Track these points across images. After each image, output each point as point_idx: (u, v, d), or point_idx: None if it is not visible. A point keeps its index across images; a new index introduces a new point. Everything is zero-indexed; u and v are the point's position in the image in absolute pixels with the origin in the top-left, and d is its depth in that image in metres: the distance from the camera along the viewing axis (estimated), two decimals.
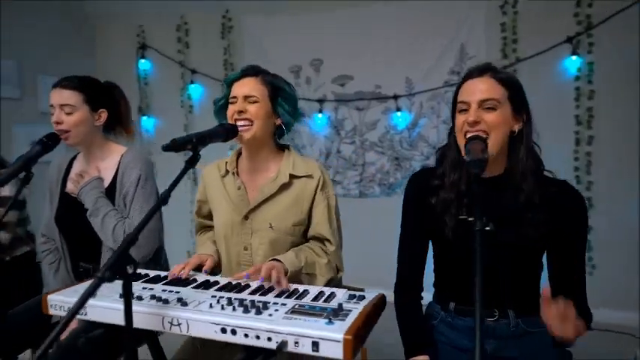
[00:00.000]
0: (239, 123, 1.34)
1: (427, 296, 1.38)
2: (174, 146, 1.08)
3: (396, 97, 3.46)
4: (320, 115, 3.63)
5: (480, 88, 1.18)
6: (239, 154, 1.48)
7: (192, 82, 4.01)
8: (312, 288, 1.19)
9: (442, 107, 3.37)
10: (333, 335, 0.87)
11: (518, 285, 1.21)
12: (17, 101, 3.60)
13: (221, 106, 1.45)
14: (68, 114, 1.54)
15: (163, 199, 1.01)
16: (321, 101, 3.65)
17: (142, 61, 4.16)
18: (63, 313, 1.14)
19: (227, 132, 1.27)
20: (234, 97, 1.38)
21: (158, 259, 1.63)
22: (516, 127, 1.20)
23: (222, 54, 3.93)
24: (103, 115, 1.62)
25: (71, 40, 4.10)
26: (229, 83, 1.44)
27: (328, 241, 1.42)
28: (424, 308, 1.36)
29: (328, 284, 1.37)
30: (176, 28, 4.03)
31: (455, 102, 1.25)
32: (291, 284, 1.19)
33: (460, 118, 1.20)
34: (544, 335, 1.22)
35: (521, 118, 1.21)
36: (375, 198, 3.59)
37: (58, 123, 1.54)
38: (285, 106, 1.41)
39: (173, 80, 4.09)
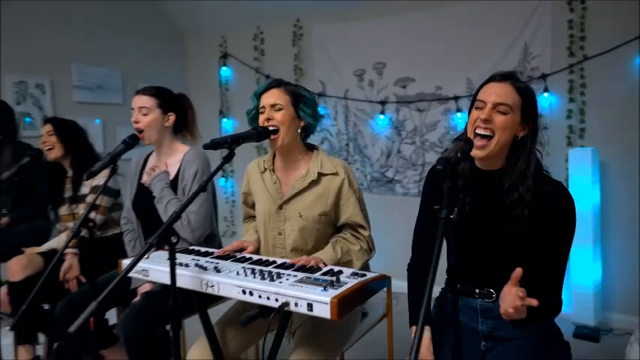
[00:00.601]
0: (270, 128, 1.57)
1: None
2: (212, 145, 1.34)
3: (456, 98, 3.51)
4: (382, 117, 3.79)
5: (499, 92, 1.29)
6: (275, 154, 1.72)
7: None
8: (328, 267, 1.39)
9: None
10: (323, 299, 1.07)
11: (512, 270, 1.30)
12: (120, 106, 4.20)
13: (254, 115, 1.69)
14: (144, 115, 1.89)
15: (202, 187, 1.28)
16: (383, 103, 3.80)
17: (224, 68, 4.61)
18: (135, 275, 1.46)
19: (259, 134, 1.51)
20: (263, 107, 1.61)
21: (213, 243, 1.93)
22: (521, 134, 1.29)
23: (292, 60, 4.23)
24: (172, 118, 1.95)
25: (165, 52, 4.68)
26: (258, 95, 1.67)
27: (362, 227, 1.61)
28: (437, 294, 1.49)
29: (363, 266, 1.57)
30: (253, 38, 4.42)
31: (474, 99, 1.37)
32: None
33: (475, 114, 1.32)
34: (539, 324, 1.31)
35: (528, 127, 1.30)
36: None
37: (136, 122, 1.90)
38: (307, 109, 1.62)
39: (250, 85, 4.47)
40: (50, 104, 3.69)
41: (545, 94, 3.20)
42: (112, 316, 2.14)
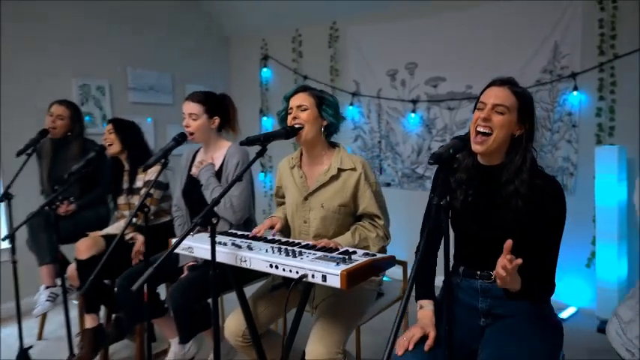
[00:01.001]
0: (296, 126, 1.79)
1: None
2: (247, 142, 1.57)
3: None
4: (413, 115, 3.93)
5: (498, 95, 1.46)
6: (302, 152, 1.94)
7: None
8: (344, 248, 1.59)
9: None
10: (334, 271, 1.28)
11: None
12: (170, 106, 4.57)
13: (283, 116, 1.91)
14: (193, 120, 2.17)
15: (238, 177, 1.52)
16: (414, 102, 3.95)
17: (264, 69, 4.89)
18: (182, 251, 1.72)
19: (287, 132, 1.74)
20: (291, 109, 1.83)
21: (250, 227, 2.18)
22: (517, 133, 1.44)
23: (328, 61, 4.44)
24: (217, 120, 2.22)
25: (211, 55, 5.01)
26: (287, 99, 1.89)
27: (377, 217, 1.80)
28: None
29: (380, 252, 1.76)
30: (291, 40, 4.66)
31: (477, 102, 1.53)
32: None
33: (476, 114, 1.48)
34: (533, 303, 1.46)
35: (524, 127, 1.45)
36: None
37: (187, 126, 2.18)
38: (329, 110, 1.82)
39: (288, 86, 4.70)
40: (109, 105, 4.08)
41: (575, 93, 3.25)
42: (162, 291, 2.43)
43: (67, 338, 2.45)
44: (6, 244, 3.19)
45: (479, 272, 1.52)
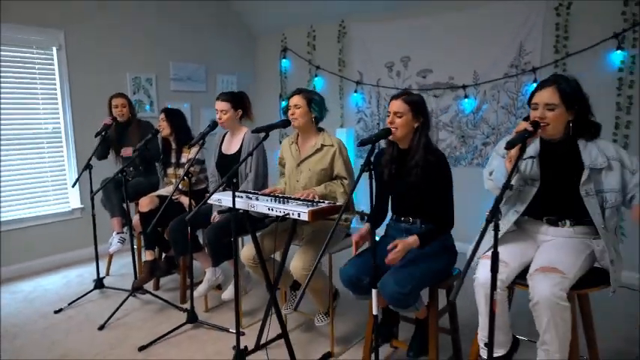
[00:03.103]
0: (292, 118, 2.59)
1: None
2: (257, 130, 2.39)
3: (464, 87, 4.29)
4: None
5: (395, 105, 2.15)
6: (298, 134, 2.74)
7: (316, 76, 5.38)
8: (318, 200, 2.41)
9: (502, 95, 4.10)
10: (305, 210, 2.10)
11: (421, 206, 2.22)
12: (204, 93, 5.44)
13: (285, 110, 2.71)
14: (224, 114, 2.97)
15: (249, 154, 2.35)
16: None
17: (284, 60, 5.68)
18: (213, 202, 2.57)
19: (284, 123, 2.53)
20: (290, 106, 2.62)
21: (264, 188, 3.02)
22: (415, 125, 2.17)
23: (337, 54, 5.18)
24: (240, 112, 3.04)
25: (239, 49, 5.83)
26: (287, 99, 2.68)
27: (344, 178, 2.58)
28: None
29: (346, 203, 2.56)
30: (307, 35, 5.41)
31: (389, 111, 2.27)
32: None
33: (388, 120, 2.24)
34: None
35: (419, 121, 2.16)
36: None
37: (219, 119, 3.00)
38: (316, 107, 2.61)
39: (303, 74, 5.52)
40: (155, 93, 4.98)
41: (535, 85, 3.89)
42: (199, 234, 3.33)
43: (133, 267, 3.41)
44: (79, 204, 4.25)
45: (402, 218, 2.30)
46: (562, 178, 1.88)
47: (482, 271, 1.83)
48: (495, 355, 1.94)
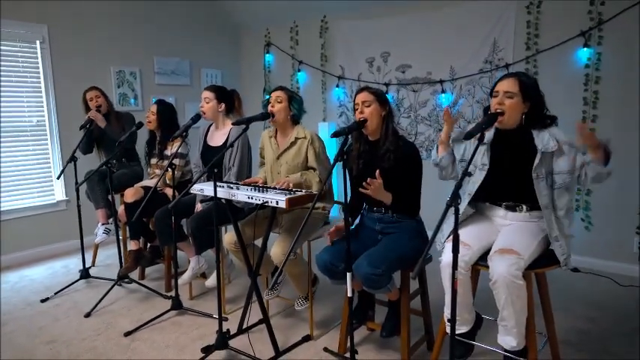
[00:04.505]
0: (272, 110, 2.69)
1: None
2: (237, 123, 2.49)
3: (441, 82, 4.44)
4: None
5: (361, 97, 2.29)
6: (276, 128, 2.85)
7: (299, 70, 5.48)
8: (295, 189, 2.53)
9: (477, 90, 4.26)
10: (282, 198, 2.21)
11: (392, 192, 2.34)
12: (188, 87, 5.51)
13: (265, 104, 2.81)
14: (207, 103, 3.07)
15: (229, 145, 2.45)
16: (387, 85, 4.79)
17: (267, 55, 5.76)
18: (196, 192, 2.67)
19: (263, 117, 2.64)
20: (271, 99, 2.73)
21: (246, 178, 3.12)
22: (383, 114, 2.30)
23: (320, 49, 5.29)
24: (223, 105, 3.13)
25: (223, 43, 5.89)
26: (269, 93, 2.78)
27: (314, 168, 2.69)
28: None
29: (321, 191, 2.68)
30: (289, 30, 5.51)
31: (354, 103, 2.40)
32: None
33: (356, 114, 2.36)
34: (408, 224, 2.37)
35: (385, 110, 2.29)
36: (424, 160, 4.64)
37: (201, 107, 3.09)
38: (295, 105, 2.72)
39: (286, 69, 5.61)
40: (139, 87, 5.04)
41: None
42: (183, 225, 3.43)
43: (118, 256, 3.50)
44: (64, 197, 4.30)
45: (375, 208, 2.43)
46: (517, 164, 2.02)
47: (446, 253, 1.98)
48: (459, 331, 2.09)
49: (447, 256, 1.97)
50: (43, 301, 3.35)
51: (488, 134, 2.09)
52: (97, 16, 4.63)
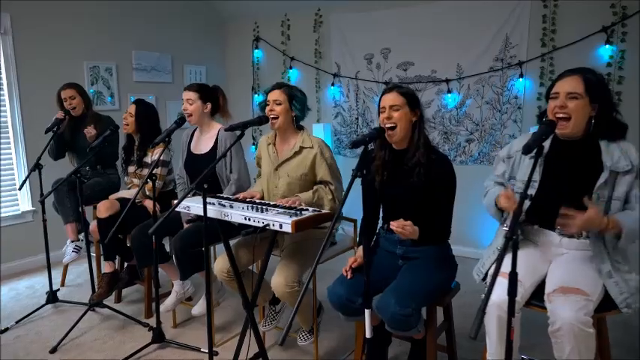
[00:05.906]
0: (271, 116, 2.31)
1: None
2: (231, 128, 2.09)
3: (447, 81, 4.10)
4: None
5: (389, 99, 1.92)
6: (276, 133, 2.45)
7: (291, 67, 5.08)
8: (302, 207, 2.14)
9: (486, 90, 3.93)
10: (287, 221, 1.83)
11: (419, 211, 1.98)
12: (170, 84, 5.06)
13: (263, 106, 2.41)
14: (190, 104, 2.68)
15: (222, 155, 2.06)
16: (387, 83, 4.43)
17: (256, 50, 5.35)
18: (181, 209, 2.27)
19: (260, 120, 2.25)
20: (268, 101, 2.34)
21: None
22: (413, 119, 1.93)
23: (313, 44, 4.90)
24: (209, 106, 2.72)
25: (207, 37, 5.45)
26: (266, 93, 2.39)
27: (330, 183, 2.32)
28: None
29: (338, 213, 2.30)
30: (280, 24, 5.10)
31: (379, 107, 2.02)
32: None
33: (381, 116, 1.97)
34: (434, 248, 2.01)
35: (416, 115, 1.93)
36: None
37: (185, 110, 2.69)
38: (297, 105, 2.33)
39: (277, 66, 5.21)
40: (116, 84, 4.58)
41: (521, 79, 3.75)
42: (166, 243, 3.01)
43: (90, 280, 3.06)
44: (30, 207, 3.82)
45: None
46: (577, 181, 1.68)
47: (496, 291, 1.62)
48: None
49: (497, 296, 1.61)
50: (2, 332, 2.90)
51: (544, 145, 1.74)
52: (69, 5, 4.15)
